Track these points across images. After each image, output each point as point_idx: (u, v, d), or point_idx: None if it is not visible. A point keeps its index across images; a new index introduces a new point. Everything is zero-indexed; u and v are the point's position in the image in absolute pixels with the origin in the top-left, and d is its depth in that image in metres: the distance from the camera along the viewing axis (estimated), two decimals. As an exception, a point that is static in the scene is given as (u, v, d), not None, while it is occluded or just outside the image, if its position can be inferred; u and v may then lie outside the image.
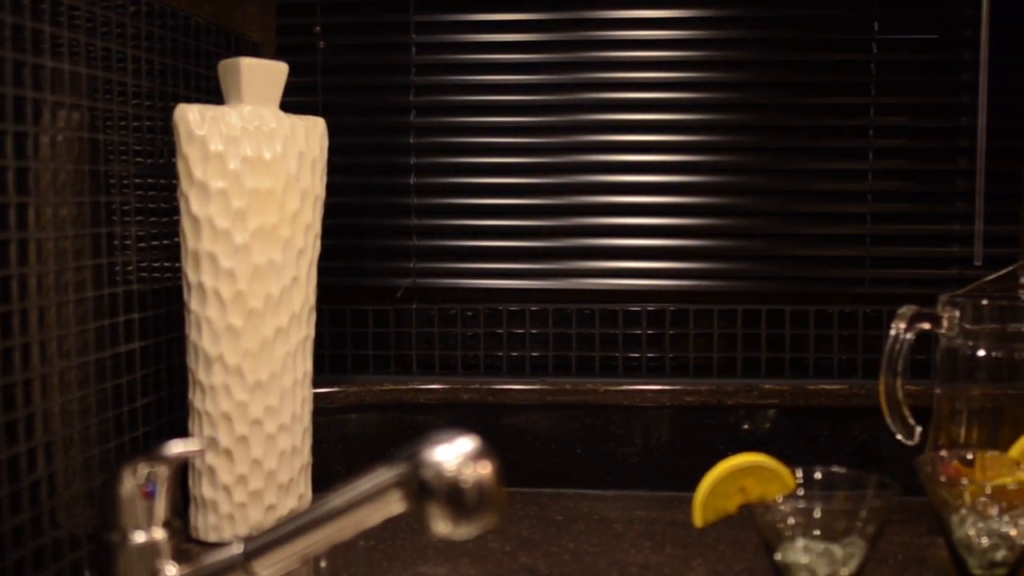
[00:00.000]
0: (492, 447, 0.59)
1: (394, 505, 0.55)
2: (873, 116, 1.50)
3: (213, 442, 1.05)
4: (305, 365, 1.13)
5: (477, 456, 0.54)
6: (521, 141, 1.53)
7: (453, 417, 1.44)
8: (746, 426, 1.45)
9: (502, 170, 1.54)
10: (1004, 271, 1.18)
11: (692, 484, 0.85)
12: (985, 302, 1.11)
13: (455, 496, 0.53)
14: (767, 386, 1.44)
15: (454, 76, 1.54)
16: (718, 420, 1.44)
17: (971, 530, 0.86)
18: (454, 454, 0.53)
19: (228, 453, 1.05)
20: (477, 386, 1.46)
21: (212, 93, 1.25)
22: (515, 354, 1.54)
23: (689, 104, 1.52)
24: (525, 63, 1.53)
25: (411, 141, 1.54)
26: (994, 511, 0.86)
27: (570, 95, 1.52)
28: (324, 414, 1.39)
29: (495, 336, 1.54)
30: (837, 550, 0.79)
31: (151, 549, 0.72)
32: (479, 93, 1.54)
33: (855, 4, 1.49)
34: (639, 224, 1.52)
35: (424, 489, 0.53)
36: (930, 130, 1.50)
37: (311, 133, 1.11)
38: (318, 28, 1.55)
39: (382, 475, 0.55)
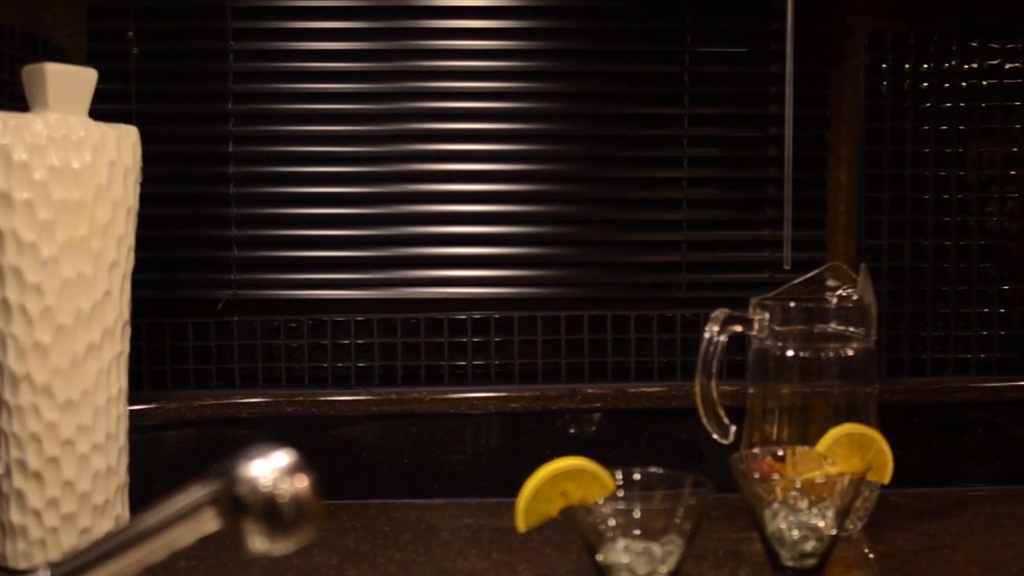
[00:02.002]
0: (318, 460, 0.58)
1: (208, 523, 0.53)
2: (687, 126, 1.54)
3: (21, 465, 1.00)
4: (120, 382, 1.09)
5: (293, 470, 0.53)
6: (344, 150, 1.52)
7: (277, 431, 1.42)
8: (572, 430, 1.47)
9: (325, 179, 1.52)
10: (811, 274, 1.23)
11: (519, 489, 0.86)
12: (793, 304, 1.16)
13: (271, 511, 0.52)
14: (590, 390, 1.47)
15: (274, 84, 1.52)
16: (543, 425, 1.46)
17: (783, 523, 0.90)
18: (269, 469, 0.52)
19: (38, 476, 1.01)
20: (302, 398, 1.44)
21: (17, 100, 1.20)
22: (340, 365, 1.52)
23: (509, 114, 1.53)
24: (348, 72, 1.52)
25: (230, 150, 1.51)
26: (804, 504, 0.89)
27: (393, 104, 1.52)
28: (142, 432, 1.34)
29: (320, 347, 1.52)
30: (656, 548, 0.81)
31: (-49, 580, 0.68)
32: (301, 101, 1.52)
33: (668, 18, 1.53)
34: (463, 233, 1.53)
35: (239, 505, 0.52)
36: (741, 139, 1.56)
37: (123, 142, 1.08)
38: (131, 33, 1.50)
39: (195, 493, 0.54)
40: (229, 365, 1.52)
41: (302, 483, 0.52)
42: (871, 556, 1.10)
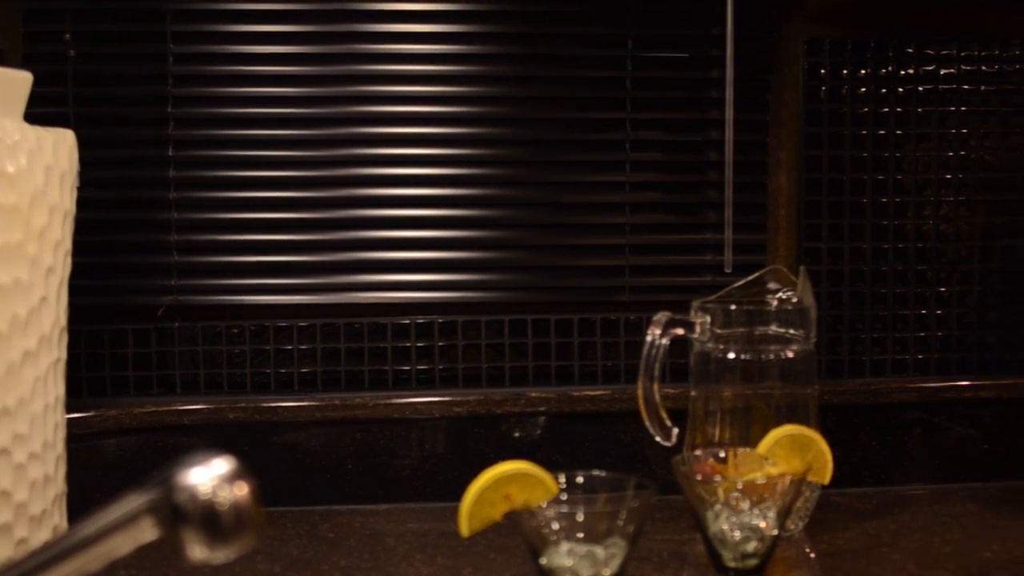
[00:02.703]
0: (261, 467, 0.57)
1: (146, 532, 0.53)
2: (629, 130, 1.55)
3: (-45, 475, 0.98)
4: (57, 389, 1.07)
5: (233, 477, 0.52)
6: (287, 154, 1.51)
7: (219, 438, 1.40)
8: (516, 434, 1.47)
9: (268, 184, 1.51)
10: (752, 277, 1.25)
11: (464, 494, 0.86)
12: (733, 307, 1.17)
13: (211, 520, 0.51)
14: (534, 394, 1.47)
15: (215, 88, 1.50)
16: (488, 429, 1.46)
17: (725, 524, 0.90)
18: (209, 476, 0.52)
19: (-28, 486, 0.99)
20: (244, 405, 1.43)
21: (-51, 103, 1.18)
22: (283, 371, 1.51)
23: (452, 118, 1.53)
24: (289, 75, 1.51)
25: (170, 154, 1.49)
26: (746, 505, 0.90)
27: (337, 108, 1.51)
28: (80, 440, 1.32)
29: (262, 353, 1.51)
30: (600, 551, 0.81)
31: None
32: (242, 105, 1.51)
33: (610, 23, 1.54)
34: (406, 237, 1.53)
35: (178, 514, 0.51)
36: (683, 144, 1.57)
37: (59, 145, 1.06)
38: (68, 36, 1.48)
39: (133, 501, 0.53)
40: (170, 372, 1.50)
41: (242, 490, 0.52)
42: (812, 556, 1.11)
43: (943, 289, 1.58)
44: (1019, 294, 1.60)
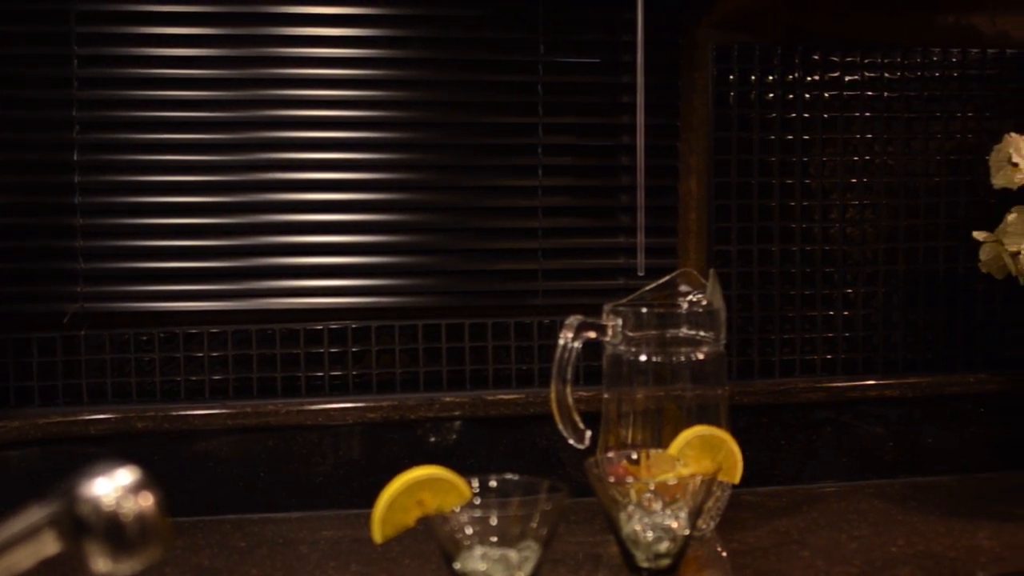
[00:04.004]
0: (171, 476, 0.56)
1: (49, 546, 0.52)
2: (541, 135, 1.56)
3: None
4: (-43, 400, 1.05)
5: (137, 488, 0.51)
6: (195, 159, 1.49)
7: (128, 448, 1.38)
8: (432, 439, 1.47)
9: (176, 189, 1.49)
10: (663, 280, 1.26)
11: (376, 500, 0.86)
12: (644, 310, 1.18)
13: (115, 531, 0.50)
14: (448, 399, 1.47)
15: (121, 91, 1.47)
16: (402, 434, 1.46)
17: (637, 525, 0.91)
18: (112, 487, 0.51)
19: None
20: (153, 413, 1.40)
21: None
22: (193, 378, 1.49)
23: (365, 122, 1.52)
24: (199, 79, 1.48)
25: (75, 158, 1.46)
26: (658, 506, 0.91)
27: (248, 112, 1.49)
28: (-18, 452, 1.29)
29: (172, 360, 1.48)
30: (513, 554, 0.82)
31: None
32: (150, 109, 1.48)
33: (521, 28, 1.54)
34: (319, 242, 1.52)
35: (81, 526, 0.50)
36: (594, 148, 1.58)
37: (-43, 150, 1.04)
38: (-33, 38, 1.44)
39: (34, 514, 0.52)
40: (76, 381, 1.47)
41: (147, 501, 0.51)
42: (723, 554, 1.13)
43: (849, 291, 1.62)
44: (922, 295, 1.64)
